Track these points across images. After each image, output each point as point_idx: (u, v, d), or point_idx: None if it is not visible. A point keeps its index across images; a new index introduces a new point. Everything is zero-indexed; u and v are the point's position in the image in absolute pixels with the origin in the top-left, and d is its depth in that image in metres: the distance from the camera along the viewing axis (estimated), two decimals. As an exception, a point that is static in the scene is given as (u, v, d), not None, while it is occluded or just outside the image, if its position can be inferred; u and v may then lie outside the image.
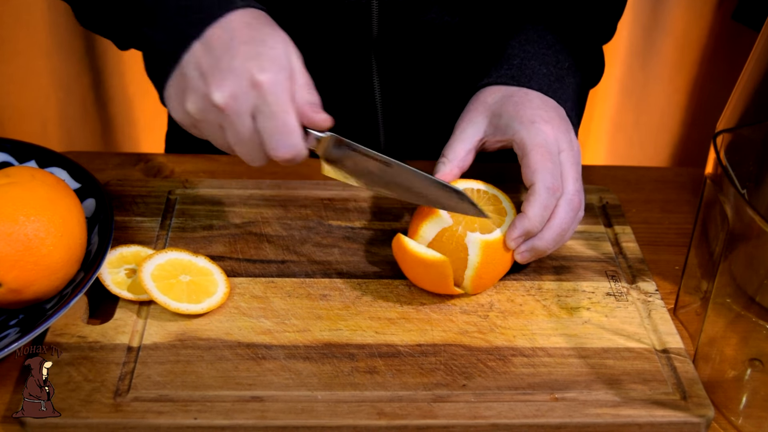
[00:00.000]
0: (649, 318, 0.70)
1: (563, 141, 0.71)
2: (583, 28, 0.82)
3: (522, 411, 0.60)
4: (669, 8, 1.50)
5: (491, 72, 0.77)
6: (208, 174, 0.86)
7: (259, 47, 0.63)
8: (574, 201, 0.70)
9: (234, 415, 0.59)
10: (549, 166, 0.69)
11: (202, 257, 0.70)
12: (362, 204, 0.81)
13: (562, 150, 0.70)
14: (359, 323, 0.67)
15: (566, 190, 0.70)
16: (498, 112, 0.73)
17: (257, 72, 0.61)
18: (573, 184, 0.70)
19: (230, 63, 0.62)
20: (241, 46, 0.62)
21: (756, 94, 0.69)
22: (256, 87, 0.62)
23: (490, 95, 0.75)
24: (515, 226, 0.68)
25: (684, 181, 0.90)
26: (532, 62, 0.76)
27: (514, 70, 0.76)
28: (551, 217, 0.69)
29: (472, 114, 0.74)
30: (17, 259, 0.61)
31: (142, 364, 0.62)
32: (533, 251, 0.69)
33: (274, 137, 0.63)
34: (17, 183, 0.64)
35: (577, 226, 0.72)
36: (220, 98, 0.62)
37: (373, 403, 0.60)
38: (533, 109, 0.72)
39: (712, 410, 0.61)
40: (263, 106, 0.62)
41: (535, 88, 0.74)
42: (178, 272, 0.68)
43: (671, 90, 1.61)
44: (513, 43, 0.79)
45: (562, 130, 0.72)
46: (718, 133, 0.65)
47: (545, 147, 0.69)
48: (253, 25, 0.64)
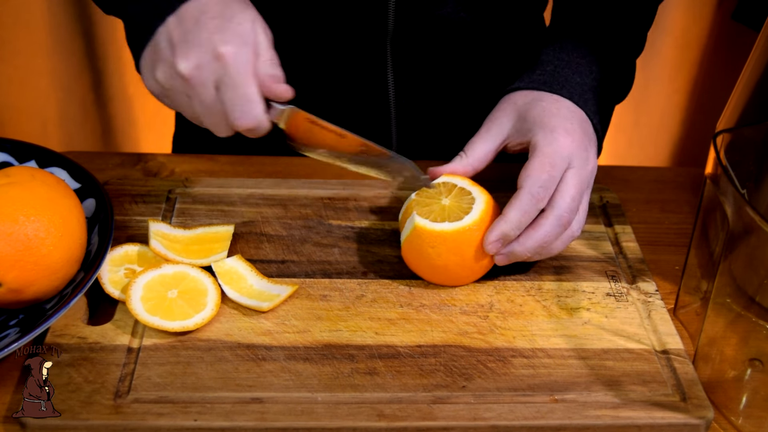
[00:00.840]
0: (649, 318, 0.70)
1: (577, 158, 0.70)
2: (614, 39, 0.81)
3: (522, 412, 0.60)
4: (669, 8, 1.50)
5: (523, 76, 0.76)
6: (208, 173, 0.86)
7: (226, 22, 0.66)
8: (564, 218, 0.68)
9: (234, 417, 0.59)
10: (543, 176, 0.68)
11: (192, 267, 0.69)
12: (362, 203, 0.81)
13: (571, 167, 0.69)
14: (359, 324, 0.67)
15: (557, 205, 0.68)
16: (524, 116, 0.72)
17: (221, 44, 0.65)
18: (568, 201, 0.68)
19: (197, 35, 0.65)
20: (210, 20, 0.66)
21: (756, 94, 0.69)
22: (219, 59, 0.65)
23: (520, 97, 0.74)
24: (493, 227, 0.68)
25: (684, 181, 0.90)
26: (565, 70, 0.76)
27: (546, 75, 0.75)
28: (535, 227, 0.68)
29: (499, 114, 0.74)
30: (17, 259, 0.61)
31: (142, 365, 0.62)
32: (511, 256, 0.69)
33: (236, 107, 0.66)
34: (17, 183, 0.64)
35: (568, 243, 0.71)
36: (185, 68, 0.65)
37: (372, 404, 0.60)
38: (559, 117, 0.71)
39: (711, 411, 0.61)
40: (225, 77, 0.65)
41: (567, 96, 0.73)
42: (167, 288, 0.67)
43: (671, 90, 1.61)
44: (547, 50, 0.78)
45: (581, 147, 0.70)
46: (718, 133, 0.65)
47: (552, 157, 0.69)
48: (225, 1, 0.67)
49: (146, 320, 0.64)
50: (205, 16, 0.66)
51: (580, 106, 0.73)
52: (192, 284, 0.68)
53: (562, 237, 0.70)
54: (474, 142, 0.73)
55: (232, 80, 0.65)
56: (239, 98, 0.66)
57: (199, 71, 0.65)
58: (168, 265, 0.69)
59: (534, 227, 0.68)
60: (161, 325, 0.64)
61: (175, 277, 0.68)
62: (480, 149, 0.73)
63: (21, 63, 1.45)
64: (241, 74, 0.65)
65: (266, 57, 0.68)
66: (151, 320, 0.64)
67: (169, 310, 0.65)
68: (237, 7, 0.67)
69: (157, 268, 0.68)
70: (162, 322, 0.64)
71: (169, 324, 0.64)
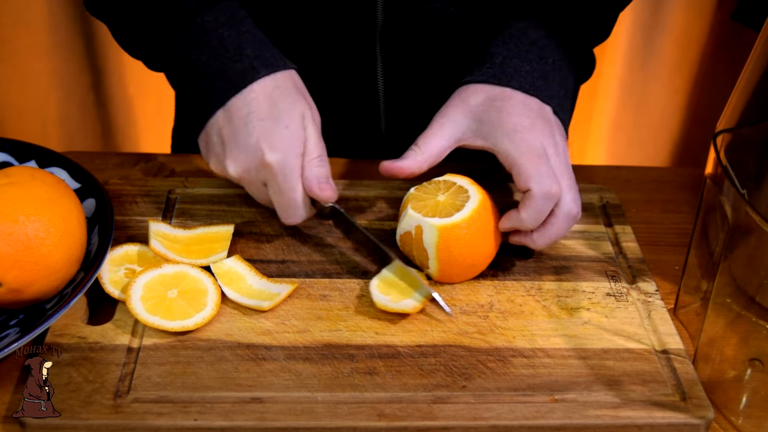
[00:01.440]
0: (649, 318, 0.70)
1: (549, 145, 0.70)
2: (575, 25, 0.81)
3: (522, 412, 0.60)
4: (669, 8, 1.50)
5: (474, 70, 0.75)
6: (208, 173, 0.85)
7: (273, 125, 0.68)
8: (573, 212, 0.70)
9: (234, 417, 0.59)
10: (544, 170, 0.68)
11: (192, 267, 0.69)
12: (362, 204, 0.81)
13: (550, 155, 0.70)
14: (359, 324, 0.67)
15: (564, 201, 0.69)
16: (480, 118, 0.72)
17: (268, 152, 0.68)
18: (569, 192, 0.69)
19: (246, 140, 0.68)
20: (258, 122, 0.69)
21: (756, 94, 0.69)
22: (266, 167, 0.68)
23: (472, 95, 0.73)
24: (508, 218, 0.70)
25: (684, 181, 0.90)
26: (514, 60, 0.75)
27: (495, 68, 0.75)
28: (548, 226, 0.70)
29: (452, 111, 0.73)
30: (17, 259, 0.61)
31: (142, 365, 0.62)
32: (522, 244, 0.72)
33: (281, 209, 0.70)
34: (17, 183, 0.64)
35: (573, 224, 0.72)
36: (234, 171, 0.70)
37: (372, 404, 0.60)
38: (515, 116, 0.71)
39: (711, 411, 0.61)
40: (272, 182, 0.69)
41: (516, 87, 0.73)
42: (167, 287, 0.67)
43: (671, 90, 1.61)
44: (496, 42, 0.77)
45: (546, 134, 0.70)
46: (718, 133, 0.65)
47: (534, 152, 0.69)
48: (273, 97, 0.70)
49: (146, 320, 0.64)
50: (252, 116, 0.69)
51: (532, 94, 0.73)
52: (192, 284, 0.68)
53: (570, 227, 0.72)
54: (427, 136, 0.72)
55: (279, 186, 0.69)
56: (284, 203, 0.70)
57: (248, 174, 0.69)
58: (168, 265, 0.69)
59: (546, 226, 0.70)
60: (161, 324, 0.64)
61: (175, 277, 0.68)
62: (436, 145, 0.72)
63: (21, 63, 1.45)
64: (286, 181, 0.68)
65: (314, 155, 0.70)
66: (151, 320, 0.64)
67: (169, 310, 0.65)
68: (286, 104, 0.70)
69: (157, 268, 0.68)
70: (162, 322, 0.64)
71: (169, 324, 0.64)
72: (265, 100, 0.69)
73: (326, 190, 0.70)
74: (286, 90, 0.71)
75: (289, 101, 0.70)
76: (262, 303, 0.67)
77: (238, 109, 0.69)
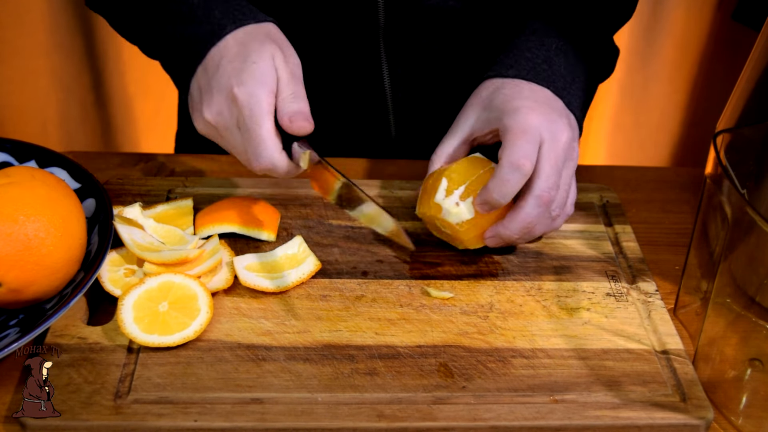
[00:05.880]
0: (649, 319, 0.70)
1: (545, 130, 0.69)
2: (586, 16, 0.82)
3: (522, 413, 0.60)
4: (669, 8, 1.50)
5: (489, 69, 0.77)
6: (208, 173, 0.86)
7: (241, 63, 0.67)
8: (543, 197, 0.68)
9: (234, 418, 0.59)
10: (520, 144, 0.68)
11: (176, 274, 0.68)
12: (362, 204, 0.81)
13: (543, 140, 0.69)
14: (359, 324, 0.67)
15: (534, 186, 0.69)
16: (488, 106, 0.73)
17: (235, 87, 0.66)
18: (544, 179, 0.68)
19: (218, 82, 0.67)
20: (228, 64, 0.68)
21: (756, 94, 0.69)
22: (234, 101, 0.66)
23: (484, 89, 0.76)
24: (478, 194, 0.70)
25: (684, 181, 0.90)
26: (516, 50, 0.77)
27: (499, 63, 0.77)
28: (515, 209, 0.70)
29: (465, 109, 0.76)
30: (17, 259, 0.61)
31: (142, 365, 0.62)
32: (498, 237, 0.71)
33: (249, 148, 0.67)
34: (17, 183, 0.64)
35: (556, 225, 0.72)
36: (209, 115, 0.68)
37: (373, 405, 0.60)
38: (520, 99, 0.72)
39: (711, 412, 0.61)
40: (240, 120, 0.67)
41: (518, 75, 0.74)
42: (156, 302, 0.66)
43: (671, 90, 1.61)
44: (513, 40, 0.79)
45: (548, 119, 0.70)
46: (718, 133, 0.65)
47: (524, 130, 0.69)
48: (245, 41, 0.69)
49: (145, 341, 0.63)
50: (224, 59, 0.68)
51: (533, 79, 0.74)
52: (180, 292, 0.66)
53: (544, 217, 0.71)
54: (441, 143, 0.76)
55: (245, 123, 0.66)
56: (252, 140, 0.66)
57: (221, 117, 0.67)
58: (150, 278, 0.67)
59: (515, 209, 0.70)
60: (161, 342, 0.63)
61: (161, 289, 0.66)
62: (446, 148, 0.75)
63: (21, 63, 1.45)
64: (253, 116, 0.66)
65: (287, 93, 0.68)
66: (150, 339, 0.63)
67: (165, 325, 0.64)
68: (256, 45, 0.68)
69: (140, 285, 0.66)
70: (161, 339, 0.63)
71: (169, 338, 0.63)
72: (236, 44, 0.69)
73: (297, 121, 0.67)
74: (257, 35, 0.70)
75: (258, 43, 0.69)
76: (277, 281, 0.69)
77: (212, 58, 0.69)
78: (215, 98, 0.67)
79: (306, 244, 0.74)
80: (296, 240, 0.74)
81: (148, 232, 0.72)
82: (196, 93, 0.70)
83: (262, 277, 0.69)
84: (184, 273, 0.68)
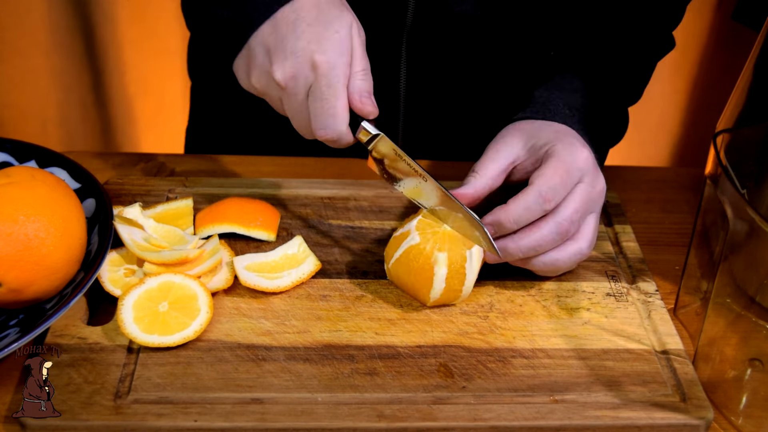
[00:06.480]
0: (649, 319, 0.70)
1: (588, 174, 0.69)
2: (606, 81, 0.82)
3: (522, 413, 0.60)
4: (669, 8, 1.50)
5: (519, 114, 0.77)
6: (208, 173, 0.86)
7: (323, 29, 0.66)
8: (563, 225, 0.68)
9: (234, 418, 0.59)
10: (556, 179, 0.67)
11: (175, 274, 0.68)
12: (362, 203, 0.81)
13: (582, 181, 0.69)
14: (359, 324, 0.67)
15: (559, 212, 0.68)
16: (535, 135, 0.72)
17: (317, 53, 0.65)
18: (570, 211, 0.68)
19: (294, 44, 0.65)
20: (306, 27, 0.66)
21: (756, 94, 0.69)
22: (313, 68, 0.65)
23: (525, 124, 0.74)
24: (492, 213, 0.68)
25: (684, 181, 0.90)
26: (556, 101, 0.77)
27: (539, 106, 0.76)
28: (532, 228, 0.68)
29: (506, 137, 0.73)
30: (17, 259, 0.61)
31: (142, 365, 0.62)
32: (502, 252, 0.68)
33: (320, 118, 0.66)
34: (17, 183, 0.64)
35: (576, 260, 0.70)
36: (281, 76, 0.65)
37: (373, 405, 0.60)
38: (573, 137, 0.71)
39: (711, 412, 0.61)
40: (316, 87, 0.65)
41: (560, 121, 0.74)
42: (156, 302, 0.66)
43: (671, 90, 1.61)
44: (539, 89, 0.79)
45: (595, 165, 0.70)
46: (718, 133, 0.65)
47: (568, 164, 0.68)
48: (321, 5, 0.67)
49: (145, 341, 0.63)
50: (301, 21, 0.66)
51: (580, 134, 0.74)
52: (180, 292, 0.66)
53: (567, 250, 0.69)
54: (484, 162, 0.72)
55: (321, 92, 0.65)
56: (324, 110, 0.66)
57: (294, 81, 0.66)
58: (150, 278, 0.67)
59: (531, 228, 0.68)
60: (161, 342, 0.63)
61: (161, 289, 0.66)
62: (493, 168, 0.71)
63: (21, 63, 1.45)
64: (331, 86, 0.65)
65: (359, 68, 0.67)
66: (150, 339, 0.63)
67: (165, 325, 0.64)
68: (334, 12, 0.67)
69: (140, 285, 0.66)
70: (162, 339, 0.63)
71: (169, 338, 0.63)
72: (313, 7, 0.67)
73: (367, 105, 0.67)
74: (332, 3, 0.68)
75: (337, 11, 0.68)
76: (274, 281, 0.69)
77: (285, 16, 0.66)
78: (290, 60, 0.65)
79: (306, 244, 0.74)
80: (296, 240, 0.74)
81: (148, 232, 0.72)
82: (260, 51, 0.67)
83: (262, 277, 0.69)
84: (184, 273, 0.68)
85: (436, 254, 0.67)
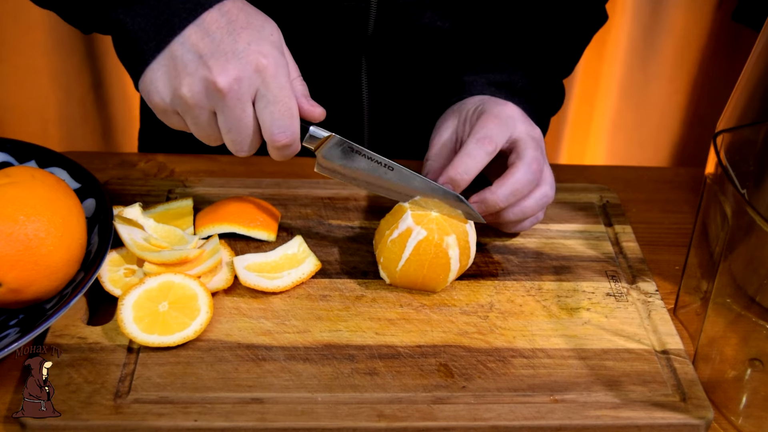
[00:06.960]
0: (649, 318, 0.70)
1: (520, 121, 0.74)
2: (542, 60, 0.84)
3: (522, 413, 0.60)
4: (669, 8, 1.50)
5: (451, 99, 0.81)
6: (208, 173, 0.86)
7: (257, 32, 0.63)
8: (533, 165, 0.71)
9: (234, 417, 0.59)
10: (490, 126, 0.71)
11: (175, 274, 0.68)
12: (362, 203, 0.81)
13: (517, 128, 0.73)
14: (359, 324, 0.67)
15: (524, 155, 0.71)
16: (464, 108, 0.76)
17: (261, 56, 0.62)
18: (531, 152, 0.71)
19: (234, 46, 0.62)
20: (241, 30, 0.63)
21: (756, 94, 0.69)
22: (260, 71, 0.62)
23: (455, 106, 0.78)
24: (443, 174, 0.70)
25: (684, 181, 0.90)
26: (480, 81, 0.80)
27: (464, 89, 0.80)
28: (505, 175, 0.71)
29: (442, 121, 0.78)
30: (17, 259, 0.61)
31: (142, 365, 0.62)
32: (483, 203, 0.71)
33: (276, 122, 0.63)
34: (17, 183, 0.64)
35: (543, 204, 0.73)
36: (224, 81, 0.61)
37: (373, 404, 0.60)
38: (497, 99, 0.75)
39: (711, 412, 0.61)
40: (265, 90, 0.63)
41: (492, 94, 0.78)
42: (156, 302, 0.66)
43: (671, 90, 1.61)
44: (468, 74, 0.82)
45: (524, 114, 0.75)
46: (718, 133, 0.65)
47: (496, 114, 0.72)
48: (246, 11, 0.65)
49: (145, 340, 0.63)
50: (235, 25, 0.63)
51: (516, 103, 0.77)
52: (180, 291, 0.66)
53: (534, 196, 0.72)
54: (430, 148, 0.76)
55: (273, 94, 0.63)
56: (281, 112, 0.63)
57: (239, 84, 0.62)
58: (150, 278, 0.67)
59: (504, 176, 0.71)
60: (161, 342, 0.63)
61: (161, 289, 0.66)
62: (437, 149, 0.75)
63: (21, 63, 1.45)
64: (282, 88, 0.63)
65: (296, 73, 0.66)
66: (150, 339, 0.63)
67: (165, 325, 0.64)
68: (261, 17, 0.65)
69: (140, 285, 0.66)
70: (161, 339, 0.63)
71: (169, 338, 0.63)
72: (240, 12, 0.64)
73: (317, 107, 0.66)
74: (255, 8, 0.66)
75: (263, 17, 0.66)
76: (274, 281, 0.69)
77: (216, 20, 0.63)
78: (233, 63, 0.61)
79: (306, 244, 0.74)
80: (296, 240, 0.74)
81: (148, 232, 0.72)
82: (191, 58, 0.62)
83: (262, 277, 0.69)
84: (184, 273, 0.68)
85: (446, 240, 0.68)
